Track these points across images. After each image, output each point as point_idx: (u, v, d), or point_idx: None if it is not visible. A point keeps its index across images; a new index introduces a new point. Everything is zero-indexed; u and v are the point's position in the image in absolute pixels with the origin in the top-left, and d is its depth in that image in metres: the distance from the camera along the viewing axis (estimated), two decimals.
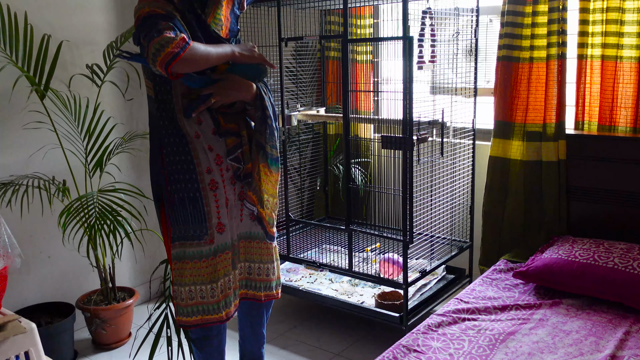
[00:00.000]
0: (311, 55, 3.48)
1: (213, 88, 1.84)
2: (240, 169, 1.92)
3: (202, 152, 1.87)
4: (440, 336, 2.05)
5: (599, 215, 2.72)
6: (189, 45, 1.67)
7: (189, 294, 1.94)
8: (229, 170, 1.92)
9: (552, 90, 2.73)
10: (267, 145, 1.96)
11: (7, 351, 1.91)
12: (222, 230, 1.92)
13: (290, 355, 2.72)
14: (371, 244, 3.20)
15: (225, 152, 1.90)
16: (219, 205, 1.91)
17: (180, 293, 1.95)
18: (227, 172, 1.92)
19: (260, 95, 1.93)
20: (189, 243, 1.91)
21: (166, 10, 1.72)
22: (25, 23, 2.56)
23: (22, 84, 2.56)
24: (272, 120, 1.96)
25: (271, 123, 1.96)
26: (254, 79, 1.94)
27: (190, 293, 1.94)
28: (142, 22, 1.69)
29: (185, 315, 1.97)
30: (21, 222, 2.70)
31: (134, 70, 3.07)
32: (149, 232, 3.11)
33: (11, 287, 2.66)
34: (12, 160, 2.73)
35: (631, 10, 2.52)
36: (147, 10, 1.70)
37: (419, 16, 2.62)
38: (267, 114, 1.94)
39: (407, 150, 2.47)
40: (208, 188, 1.88)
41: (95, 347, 2.89)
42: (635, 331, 2.05)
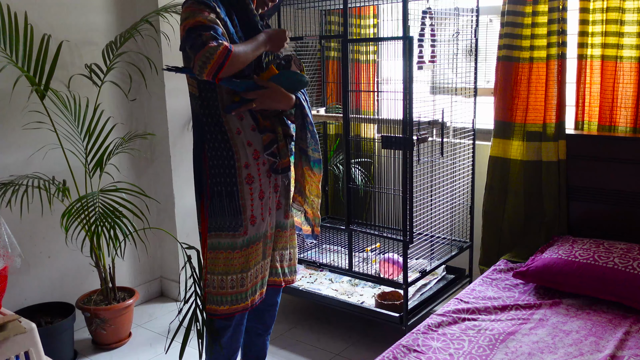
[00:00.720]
0: (311, 55, 3.48)
1: (256, 94, 1.96)
2: (276, 162, 2.04)
3: (241, 147, 1.98)
4: (440, 336, 2.05)
5: (599, 215, 2.72)
6: (232, 53, 1.78)
7: (220, 282, 2.03)
8: (265, 165, 2.03)
9: (552, 90, 2.73)
10: (309, 149, 2.12)
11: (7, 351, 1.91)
12: (254, 222, 2.02)
13: (290, 355, 2.72)
14: (371, 244, 3.20)
15: (262, 147, 2.01)
16: (253, 198, 2.01)
17: (212, 281, 2.04)
18: (263, 166, 2.02)
19: (300, 105, 2.07)
20: (224, 234, 2.01)
21: (208, 19, 1.81)
22: (25, 23, 2.56)
23: (22, 84, 2.56)
24: (312, 126, 2.10)
25: (312, 129, 2.10)
26: (295, 90, 2.06)
27: (222, 282, 2.03)
28: (187, 34, 1.81)
29: (215, 304, 2.05)
30: (21, 222, 2.70)
31: (136, 71, 3.07)
32: (150, 231, 3.11)
33: (11, 287, 2.66)
34: (12, 160, 2.73)
35: (631, 10, 2.52)
36: (192, 22, 1.80)
37: (419, 16, 2.62)
38: (308, 120, 2.09)
39: (407, 150, 2.47)
40: (245, 182, 1.99)
41: (95, 347, 2.89)
42: (635, 331, 2.05)
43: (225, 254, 2.01)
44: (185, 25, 1.82)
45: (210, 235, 2.02)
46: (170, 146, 3.20)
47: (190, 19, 1.81)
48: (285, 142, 2.06)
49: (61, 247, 2.94)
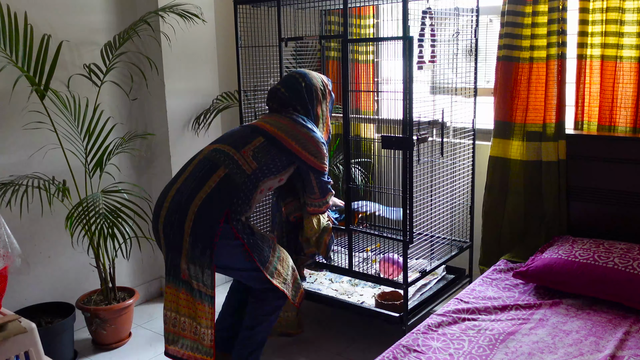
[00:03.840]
0: (311, 55, 3.48)
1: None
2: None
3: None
4: (440, 336, 2.05)
5: (599, 215, 2.72)
6: (329, 205, 2.51)
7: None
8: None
9: (552, 90, 2.73)
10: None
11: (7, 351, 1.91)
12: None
13: (290, 355, 2.72)
14: (371, 244, 3.19)
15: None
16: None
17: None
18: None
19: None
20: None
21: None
22: (25, 23, 2.56)
23: (22, 84, 2.56)
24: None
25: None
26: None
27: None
28: (328, 180, 2.42)
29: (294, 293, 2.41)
30: (21, 222, 2.70)
31: (137, 71, 3.07)
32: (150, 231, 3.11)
33: (11, 287, 2.66)
34: (12, 160, 2.73)
35: (631, 10, 2.52)
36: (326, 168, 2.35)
37: (419, 16, 2.62)
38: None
39: (407, 150, 2.47)
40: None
41: (95, 347, 2.89)
42: (635, 331, 2.05)
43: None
44: (323, 167, 2.34)
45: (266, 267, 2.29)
46: (170, 146, 3.20)
47: (325, 164, 2.34)
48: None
49: (61, 247, 2.94)
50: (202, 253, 2.09)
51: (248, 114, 3.06)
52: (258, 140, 2.22)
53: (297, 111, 2.36)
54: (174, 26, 3.02)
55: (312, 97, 2.39)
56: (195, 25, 3.06)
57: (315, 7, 3.07)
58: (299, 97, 2.36)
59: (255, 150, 2.19)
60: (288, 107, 2.36)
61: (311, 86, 2.39)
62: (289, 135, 2.25)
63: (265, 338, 2.37)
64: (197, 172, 2.17)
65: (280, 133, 2.25)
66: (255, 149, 2.19)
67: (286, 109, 2.37)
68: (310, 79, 2.40)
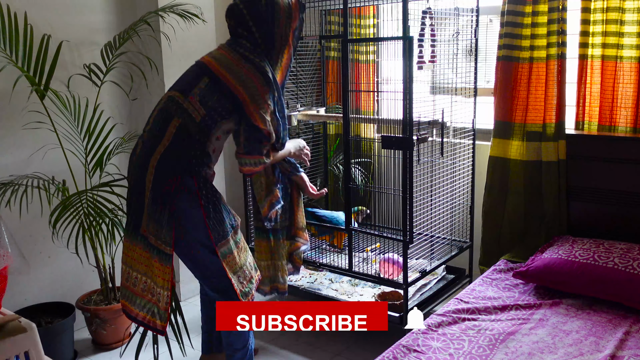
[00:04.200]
0: (311, 55, 3.48)
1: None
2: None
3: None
4: (440, 336, 2.05)
5: (599, 215, 2.72)
6: (266, 165, 2.12)
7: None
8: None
9: (552, 90, 2.73)
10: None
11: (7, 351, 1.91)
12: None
13: (290, 355, 2.72)
14: (371, 244, 3.19)
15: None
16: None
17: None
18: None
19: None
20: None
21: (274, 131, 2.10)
22: (25, 23, 2.56)
23: (22, 84, 2.56)
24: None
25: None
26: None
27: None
28: (260, 133, 2.06)
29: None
30: (21, 222, 2.70)
31: (137, 71, 3.07)
32: None
33: (11, 287, 2.66)
34: (12, 160, 2.73)
35: (631, 10, 2.52)
36: (268, 131, 2.06)
37: (419, 16, 2.62)
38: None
39: (407, 150, 2.46)
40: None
41: (95, 347, 2.89)
42: (635, 331, 2.05)
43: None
44: (263, 128, 2.04)
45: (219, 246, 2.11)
46: None
47: (267, 126, 2.06)
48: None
49: (61, 247, 2.94)
50: (162, 209, 2.01)
51: None
52: (203, 82, 2.05)
53: (253, 34, 2.10)
54: (174, 26, 3.02)
55: (273, 16, 2.09)
56: (195, 25, 3.06)
57: (315, 7, 3.07)
58: (257, 14, 2.09)
59: (201, 94, 2.03)
60: (244, 28, 2.12)
61: (273, 4, 2.09)
62: (231, 73, 2.04)
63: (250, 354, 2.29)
64: (155, 125, 2.09)
65: (223, 71, 2.04)
66: (200, 93, 2.03)
67: (243, 29, 2.12)
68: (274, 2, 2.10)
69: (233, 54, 2.08)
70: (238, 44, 2.11)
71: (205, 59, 2.13)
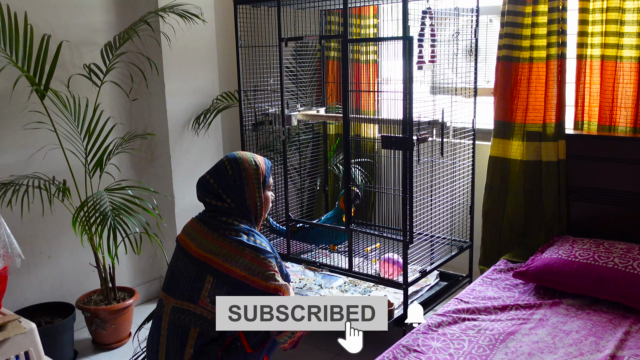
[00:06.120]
0: (311, 55, 3.48)
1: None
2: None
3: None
4: (440, 336, 2.05)
5: (599, 215, 2.72)
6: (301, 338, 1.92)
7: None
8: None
9: (552, 90, 2.73)
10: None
11: (7, 351, 1.91)
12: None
13: (289, 355, 2.72)
14: (371, 244, 3.19)
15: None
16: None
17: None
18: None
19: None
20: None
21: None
22: (25, 23, 2.56)
23: (22, 84, 2.56)
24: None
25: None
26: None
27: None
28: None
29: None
30: (21, 222, 2.70)
31: (137, 71, 3.07)
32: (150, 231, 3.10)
33: (11, 287, 2.66)
34: (12, 160, 2.73)
35: (631, 10, 2.52)
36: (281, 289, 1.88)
37: (419, 16, 2.62)
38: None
39: (407, 150, 2.47)
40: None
41: (95, 347, 2.89)
42: (635, 331, 2.05)
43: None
44: (271, 287, 1.87)
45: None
46: (170, 146, 3.20)
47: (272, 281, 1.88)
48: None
49: (61, 247, 2.94)
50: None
51: (248, 114, 3.06)
52: (208, 282, 1.92)
53: (229, 204, 1.99)
54: (174, 26, 3.02)
55: (242, 182, 2.01)
56: (195, 25, 3.06)
57: (315, 7, 3.07)
58: (228, 186, 2.00)
59: (210, 294, 1.91)
60: (219, 200, 2.00)
61: (240, 171, 2.00)
62: (234, 263, 1.91)
63: None
64: (172, 342, 1.95)
65: (227, 265, 1.91)
66: (210, 294, 1.91)
67: (218, 202, 2.01)
68: (239, 163, 2.01)
69: (227, 241, 1.93)
70: (219, 224, 1.97)
71: (199, 254, 1.95)
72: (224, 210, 1.98)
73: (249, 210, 2.01)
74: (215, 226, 1.95)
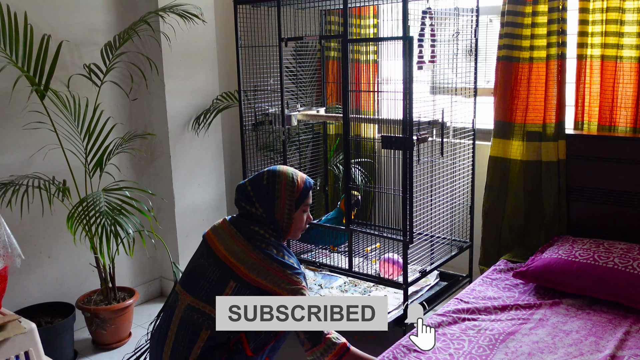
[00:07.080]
0: (311, 55, 3.48)
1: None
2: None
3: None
4: (440, 336, 2.05)
5: (599, 215, 2.72)
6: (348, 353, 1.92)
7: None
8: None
9: (552, 90, 2.73)
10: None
11: (7, 351, 1.91)
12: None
13: (289, 355, 2.72)
14: (371, 244, 3.19)
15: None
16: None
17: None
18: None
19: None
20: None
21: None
22: (25, 23, 2.56)
23: (22, 84, 2.56)
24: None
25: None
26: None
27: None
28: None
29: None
30: (21, 222, 2.70)
31: (137, 71, 3.07)
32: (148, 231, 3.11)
33: (11, 287, 2.66)
34: (12, 160, 2.73)
35: (631, 10, 2.52)
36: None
37: (419, 16, 2.62)
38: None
39: (407, 150, 2.47)
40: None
41: (95, 347, 2.89)
42: (635, 331, 2.05)
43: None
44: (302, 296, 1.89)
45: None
46: (170, 146, 3.20)
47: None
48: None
49: (61, 247, 2.94)
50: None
51: (248, 114, 3.06)
52: (230, 288, 1.89)
53: (260, 213, 1.97)
54: (174, 26, 3.02)
55: (274, 195, 1.98)
56: (195, 26, 3.06)
57: (315, 7, 3.08)
58: (260, 195, 1.98)
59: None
60: (252, 206, 1.98)
61: (275, 183, 1.99)
62: (260, 275, 1.88)
63: None
64: (180, 338, 1.93)
65: (252, 275, 1.88)
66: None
67: (252, 209, 1.99)
68: (276, 175, 2.00)
69: (254, 252, 1.91)
70: (250, 232, 1.96)
71: (225, 256, 1.93)
72: (256, 218, 1.96)
73: (277, 224, 1.98)
74: (247, 234, 1.93)
